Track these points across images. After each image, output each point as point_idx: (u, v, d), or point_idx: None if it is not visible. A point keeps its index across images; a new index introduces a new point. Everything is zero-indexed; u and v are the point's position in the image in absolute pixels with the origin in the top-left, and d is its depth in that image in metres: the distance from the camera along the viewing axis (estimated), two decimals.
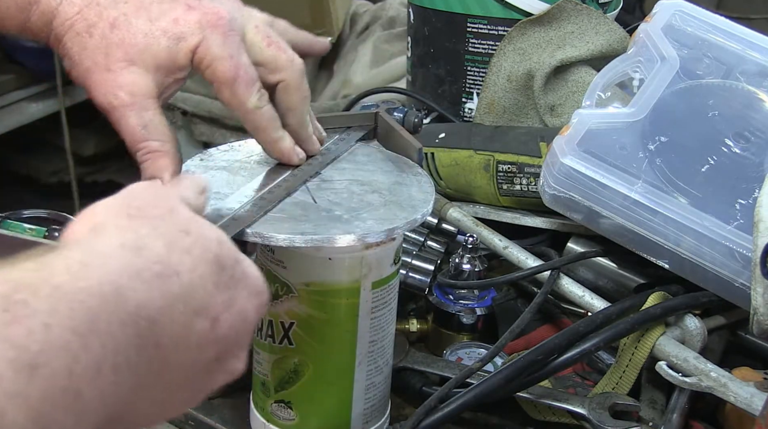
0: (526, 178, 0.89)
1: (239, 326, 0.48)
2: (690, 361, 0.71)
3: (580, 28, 0.98)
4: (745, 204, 0.76)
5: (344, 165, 0.70)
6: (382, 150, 0.74)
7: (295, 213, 0.62)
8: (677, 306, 0.75)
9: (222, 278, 0.47)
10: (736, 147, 0.81)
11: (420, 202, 0.64)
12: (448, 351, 0.81)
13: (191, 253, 0.46)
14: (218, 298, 0.47)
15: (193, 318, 0.45)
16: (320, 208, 0.63)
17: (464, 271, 0.83)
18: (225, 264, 0.48)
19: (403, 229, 0.62)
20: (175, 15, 0.62)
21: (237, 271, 0.49)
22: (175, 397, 0.47)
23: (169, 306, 0.43)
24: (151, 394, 0.44)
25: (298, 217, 0.61)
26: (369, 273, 0.64)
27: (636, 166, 0.78)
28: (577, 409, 0.72)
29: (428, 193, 0.66)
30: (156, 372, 0.43)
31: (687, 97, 0.84)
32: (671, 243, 0.75)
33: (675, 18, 0.88)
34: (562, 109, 0.99)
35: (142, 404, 0.44)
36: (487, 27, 0.99)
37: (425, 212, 0.64)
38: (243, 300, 0.49)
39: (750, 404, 0.67)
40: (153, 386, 0.44)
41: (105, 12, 0.62)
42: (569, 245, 0.86)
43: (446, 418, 0.67)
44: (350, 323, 0.65)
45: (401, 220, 0.61)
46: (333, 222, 0.60)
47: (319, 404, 0.67)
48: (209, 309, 0.46)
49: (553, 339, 0.71)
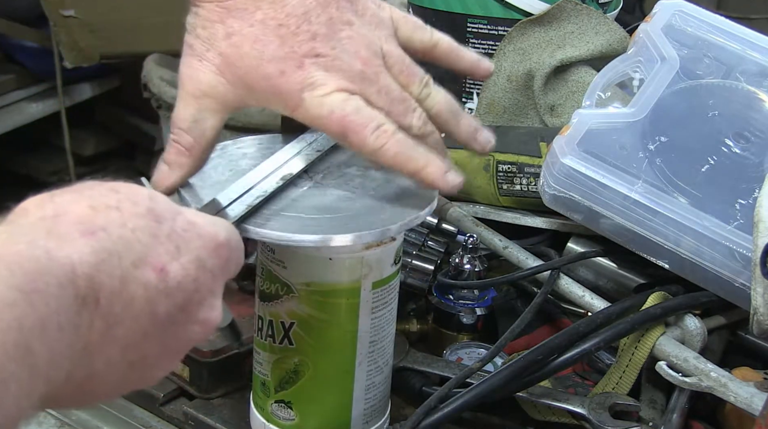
0: (526, 178, 0.89)
1: (196, 274, 0.49)
2: (690, 361, 0.71)
3: (580, 28, 0.98)
4: (745, 204, 0.76)
5: (350, 164, 0.70)
6: None
7: (295, 212, 0.62)
8: (677, 306, 0.75)
9: (161, 229, 0.48)
10: (736, 147, 0.81)
11: (420, 203, 0.64)
12: (448, 351, 0.81)
13: (120, 209, 0.46)
14: (160, 249, 0.47)
15: (132, 271, 0.45)
16: (321, 206, 0.63)
17: (464, 271, 0.83)
18: (162, 216, 0.48)
19: (403, 229, 0.62)
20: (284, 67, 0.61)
21: (179, 221, 0.49)
22: (141, 355, 0.47)
23: (103, 261, 0.44)
24: (109, 354, 0.45)
25: (298, 217, 0.61)
26: (369, 273, 0.64)
27: (636, 166, 0.78)
28: (577, 409, 0.72)
29: (430, 193, 0.66)
30: (102, 330, 0.44)
31: (687, 97, 0.84)
32: (671, 243, 0.75)
33: (675, 18, 0.88)
34: (562, 109, 0.99)
35: (102, 366, 0.45)
36: (487, 27, 0.99)
37: (426, 212, 0.64)
38: (195, 248, 0.49)
39: (750, 404, 0.67)
40: (105, 345, 0.44)
41: (228, 20, 0.61)
42: (569, 245, 0.86)
43: (446, 418, 0.67)
44: (350, 323, 0.65)
45: (401, 220, 0.61)
46: (333, 221, 0.60)
47: (319, 404, 0.67)
48: (150, 260, 0.46)
49: (553, 339, 0.71)
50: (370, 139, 0.61)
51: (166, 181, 0.64)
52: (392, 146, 0.62)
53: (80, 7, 2.23)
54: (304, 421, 0.67)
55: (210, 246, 0.50)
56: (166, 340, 0.48)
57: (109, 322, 0.44)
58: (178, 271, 0.48)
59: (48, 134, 2.56)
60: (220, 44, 0.61)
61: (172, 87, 1.90)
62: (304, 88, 0.61)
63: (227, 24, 0.61)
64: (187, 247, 0.49)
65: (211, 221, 0.52)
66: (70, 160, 2.48)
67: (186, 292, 0.48)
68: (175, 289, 0.47)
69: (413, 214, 0.63)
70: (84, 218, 0.45)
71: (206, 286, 0.50)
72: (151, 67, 2.11)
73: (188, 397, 0.78)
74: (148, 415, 0.78)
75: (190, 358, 0.76)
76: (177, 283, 0.47)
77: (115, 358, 0.45)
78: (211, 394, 0.77)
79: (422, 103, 0.65)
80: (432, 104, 0.66)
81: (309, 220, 0.61)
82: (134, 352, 0.46)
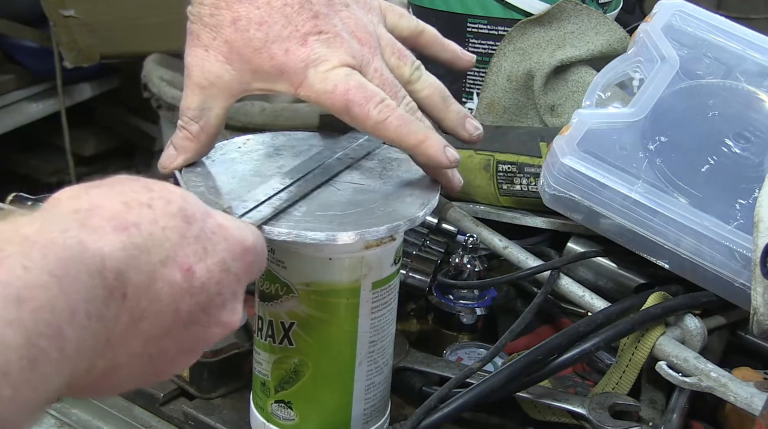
0: (526, 178, 0.89)
1: (220, 277, 0.49)
2: (690, 361, 0.71)
3: (580, 28, 0.98)
4: (745, 204, 0.76)
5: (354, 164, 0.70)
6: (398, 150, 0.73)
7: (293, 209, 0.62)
8: (677, 306, 0.75)
9: (191, 230, 0.48)
10: (736, 147, 0.81)
11: (421, 205, 0.64)
12: (448, 351, 0.81)
13: (153, 207, 0.47)
14: (188, 250, 0.48)
15: (160, 268, 0.46)
16: (319, 204, 0.63)
17: (464, 271, 0.83)
18: (193, 217, 0.49)
19: (407, 227, 0.62)
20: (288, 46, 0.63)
21: (209, 223, 0.50)
22: (161, 350, 0.48)
23: (133, 257, 0.44)
24: (131, 348, 0.46)
25: (295, 214, 0.61)
26: (369, 273, 0.64)
27: (636, 166, 0.78)
28: (577, 409, 0.72)
29: (432, 196, 0.66)
30: (126, 324, 0.44)
31: (687, 97, 0.84)
32: (671, 243, 0.75)
33: (675, 18, 0.88)
34: (562, 109, 0.99)
35: (123, 358, 0.45)
36: (487, 27, 0.99)
37: (425, 212, 0.63)
38: (221, 251, 0.50)
39: (750, 404, 0.67)
40: (129, 338, 0.45)
41: (235, 5, 0.63)
42: (569, 245, 0.86)
43: (446, 418, 0.67)
44: (350, 323, 0.65)
45: (403, 219, 0.61)
46: (332, 220, 0.60)
47: (319, 404, 0.67)
48: (177, 260, 0.47)
49: (553, 339, 0.71)
50: (373, 112, 0.63)
51: (172, 162, 0.67)
52: (394, 120, 0.64)
53: (80, 7, 2.23)
54: (304, 421, 0.67)
55: (236, 250, 0.51)
56: (185, 339, 0.49)
57: (134, 316, 0.45)
58: (204, 273, 0.48)
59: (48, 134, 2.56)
60: (226, 31, 0.63)
61: (172, 87, 1.90)
62: (309, 65, 0.63)
63: (234, 9, 0.63)
64: (214, 250, 0.49)
65: (239, 226, 0.53)
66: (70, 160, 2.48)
67: (209, 293, 0.49)
68: (199, 290, 0.48)
69: (415, 213, 0.62)
70: (117, 214, 0.45)
71: (229, 289, 0.50)
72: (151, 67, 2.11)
73: (188, 397, 0.78)
74: (148, 415, 0.78)
75: None
76: (201, 284, 0.48)
77: (137, 351, 0.46)
78: (211, 394, 0.77)
79: (413, 84, 0.68)
80: (422, 86, 0.68)
81: (309, 220, 0.61)
82: (155, 347, 0.47)
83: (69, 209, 0.45)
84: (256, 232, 0.55)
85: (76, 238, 0.42)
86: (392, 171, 0.69)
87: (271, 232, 0.58)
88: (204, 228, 0.49)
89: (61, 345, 0.39)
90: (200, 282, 0.48)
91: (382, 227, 0.60)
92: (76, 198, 0.46)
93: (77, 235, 0.42)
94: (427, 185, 0.67)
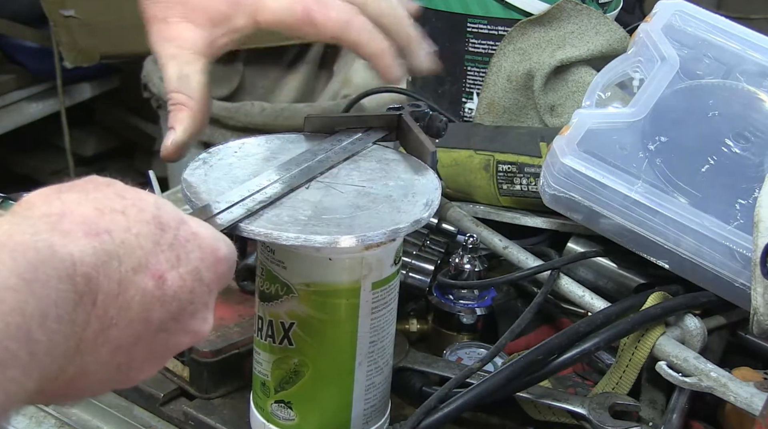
0: (526, 178, 0.89)
1: (192, 285, 0.49)
2: (690, 361, 0.71)
3: (580, 28, 0.98)
4: (745, 204, 0.76)
5: (354, 165, 0.69)
6: (396, 152, 0.73)
7: (296, 212, 0.62)
8: (677, 306, 0.75)
9: (164, 238, 0.48)
10: (736, 147, 0.81)
11: (422, 206, 0.64)
12: (448, 351, 0.81)
13: (126, 214, 0.47)
14: (161, 257, 0.47)
15: (132, 276, 0.45)
16: (322, 207, 0.63)
17: (464, 271, 0.83)
18: (167, 224, 0.48)
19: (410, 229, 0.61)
20: None
21: (183, 231, 0.49)
22: (130, 358, 0.47)
23: (103, 263, 0.44)
24: (100, 355, 0.45)
25: (299, 217, 0.61)
26: (369, 273, 0.64)
27: (636, 166, 0.78)
28: (577, 409, 0.72)
29: (433, 197, 0.65)
30: (96, 331, 0.44)
31: (687, 97, 0.84)
32: (671, 243, 0.75)
33: (675, 18, 0.88)
34: (562, 109, 0.99)
35: (92, 366, 0.45)
36: (487, 27, 0.99)
37: (427, 215, 0.63)
38: (195, 260, 0.49)
39: (750, 404, 0.67)
40: (99, 345, 0.45)
41: None
42: (569, 245, 0.86)
43: (446, 418, 0.67)
44: (350, 323, 0.65)
45: (402, 223, 0.61)
46: (334, 222, 0.60)
47: (319, 404, 0.67)
48: (150, 267, 0.46)
49: (553, 339, 0.71)
50: (334, 14, 0.65)
51: (173, 140, 0.68)
52: (357, 23, 0.65)
53: (80, 7, 2.23)
54: (304, 421, 0.67)
55: (210, 259, 0.50)
56: (154, 347, 0.49)
57: (104, 323, 0.44)
58: (176, 281, 0.48)
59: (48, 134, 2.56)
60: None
61: None
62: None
63: None
64: (187, 258, 0.49)
65: (214, 235, 0.52)
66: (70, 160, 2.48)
67: (181, 301, 0.48)
68: (171, 298, 0.47)
69: (414, 217, 0.62)
70: (89, 219, 0.45)
71: (201, 299, 0.50)
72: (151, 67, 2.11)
73: (188, 397, 0.78)
74: (148, 415, 0.78)
75: (190, 358, 0.76)
76: (173, 293, 0.48)
77: (105, 358, 0.46)
78: (211, 394, 0.77)
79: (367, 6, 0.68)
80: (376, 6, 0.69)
81: (310, 219, 0.61)
82: (123, 354, 0.47)
83: (40, 213, 0.44)
84: (229, 241, 0.54)
85: (46, 241, 0.42)
86: (392, 172, 0.69)
87: (279, 238, 0.58)
88: (178, 235, 0.49)
89: (31, 348, 0.39)
90: (172, 290, 0.47)
91: (386, 230, 0.60)
92: (48, 201, 0.45)
93: (48, 238, 0.42)
94: (429, 185, 0.67)
